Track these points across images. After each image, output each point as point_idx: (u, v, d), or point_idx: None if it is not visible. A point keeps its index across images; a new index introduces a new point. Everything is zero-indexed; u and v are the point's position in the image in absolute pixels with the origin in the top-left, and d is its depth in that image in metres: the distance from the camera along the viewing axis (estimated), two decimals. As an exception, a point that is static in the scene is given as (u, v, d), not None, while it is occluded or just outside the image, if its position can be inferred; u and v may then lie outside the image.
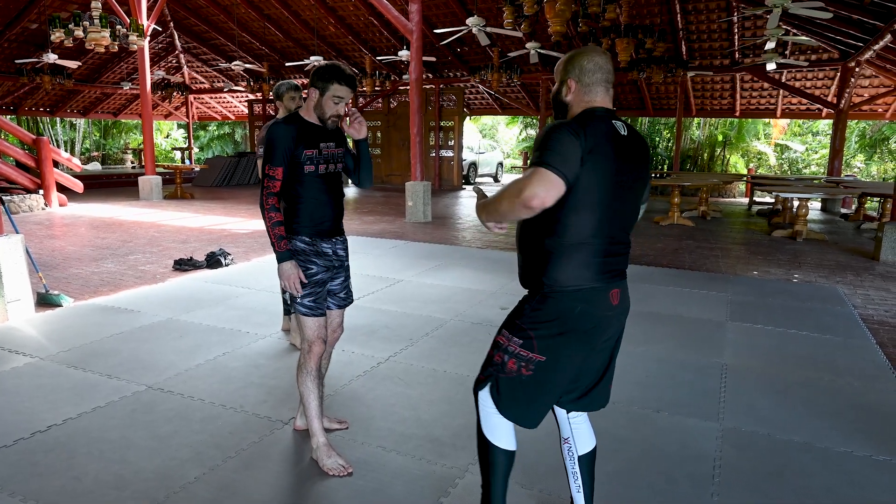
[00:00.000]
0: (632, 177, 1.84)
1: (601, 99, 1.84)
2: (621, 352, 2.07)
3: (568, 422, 2.05)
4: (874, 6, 7.78)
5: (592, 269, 1.79)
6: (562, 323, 1.80)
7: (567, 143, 1.68)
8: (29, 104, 18.57)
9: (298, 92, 3.77)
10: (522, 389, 1.86)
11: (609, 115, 1.81)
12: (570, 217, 1.74)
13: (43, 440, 2.77)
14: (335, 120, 2.53)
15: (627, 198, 1.85)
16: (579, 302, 1.79)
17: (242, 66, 14.85)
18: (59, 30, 9.30)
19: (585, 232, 1.76)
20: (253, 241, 7.91)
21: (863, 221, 10.59)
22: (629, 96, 15.99)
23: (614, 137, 1.77)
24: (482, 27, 10.15)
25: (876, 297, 5.62)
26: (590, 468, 2.07)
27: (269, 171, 2.47)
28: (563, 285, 1.79)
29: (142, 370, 3.59)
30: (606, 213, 1.77)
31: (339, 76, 2.46)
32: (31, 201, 10.94)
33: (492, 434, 1.95)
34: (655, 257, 7.31)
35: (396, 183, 17.21)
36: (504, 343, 1.89)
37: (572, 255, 1.77)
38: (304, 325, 2.57)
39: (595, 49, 1.90)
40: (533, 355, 1.82)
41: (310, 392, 2.58)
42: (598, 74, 1.84)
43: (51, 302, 4.92)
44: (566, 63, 1.88)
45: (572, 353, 1.83)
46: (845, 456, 2.76)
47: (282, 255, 2.48)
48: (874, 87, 13.17)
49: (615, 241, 1.83)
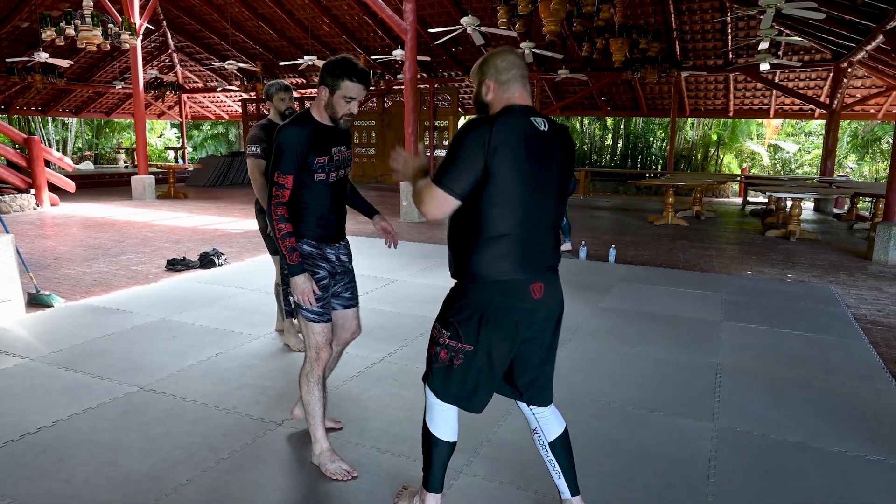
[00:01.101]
0: (551, 168, 1.89)
1: (519, 95, 1.92)
2: (614, 352, 2.07)
3: (532, 413, 2.12)
4: (866, 7, 7.81)
5: (511, 261, 1.86)
6: (482, 312, 1.87)
7: (469, 150, 1.78)
8: (20, 103, 18.44)
9: (289, 93, 3.78)
10: (457, 377, 1.94)
11: (527, 112, 1.88)
12: (489, 211, 1.82)
13: (33, 442, 2.74)
14: (348, 119, 2.42)
15: (548, 190, 1.90)
16: (497, 293, 1.86)
17: (236, 66, 14.79)
18: (51, 28, 9.22)
19: (504, 225, 1.83)
20: (247, 240, 7.87)
21: (855, 221, 10.64)
22: (623, 96, 16.03)
23: (531, 133, 1.83)
24: (476, 27, 10.15)
25: (869, 297, 5.64)
26: (565, 451, 2.11)
27: (278, 179, 2.31)
28: (482, 276, 1.87)
29: (134, 371, 3.56)
30: (524, 207, 1.84)
31: (350, 72, 2.32)
32: (22, 201, 10.86)
33: (433, 425, 2.04)
34: (650, 257, 7.32)
35: (391, 183, 17.18)
36: (436, 336, 1.99)
37: (492, 247, 1.85)
38: (310, 332, 2.46)
39: (507, 48, 2.00)
40: (461, 345, 1.91)
41: (316, 401, 2.51)
42: (513, 71, 1.91)
43: (42, 302, 4.88)
44: (481, 66, 1.96)
45: (497, 341, 1.89)
46: (840, 456, 2.76)
47: (294, 267, 2.35)
48: (866, 88, 13.24)
49: (536, 234, 1.89)
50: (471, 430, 2.84)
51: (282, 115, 3.77)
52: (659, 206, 11.59)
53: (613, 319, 4.76)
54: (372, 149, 17.97)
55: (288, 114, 3.75)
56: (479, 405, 1.99)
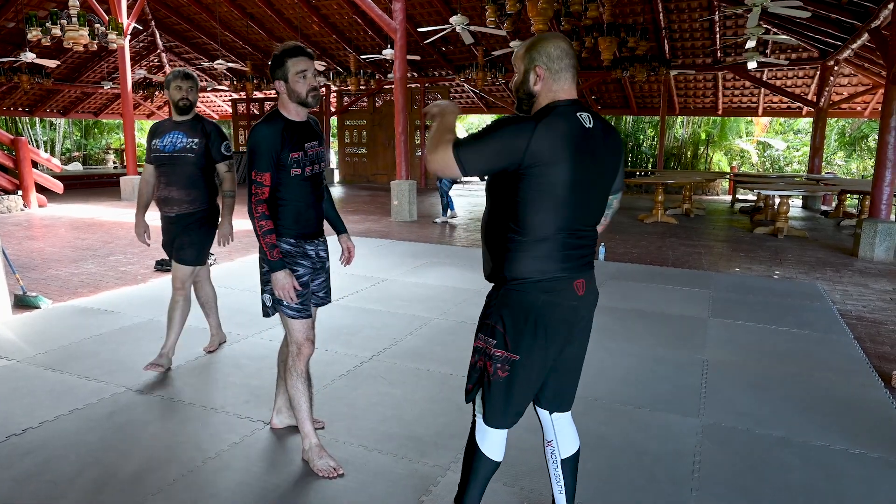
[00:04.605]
0: (597, 170, 1.81)
1: (569, 87, 1.79)
2: (602, 348, 2.08)
3: (552, 423, 2.01)
4: (852, 6, 7.89)
5: (555, 260, 1.77)
6: (528, 315, 1.77)
7: (500, 142, 1.70)
8: (7, 104, 18.26)
9: (188, 81, 3.40)
10: (500, 392, 1.83)
11: (574, 108, 1.77)
12: (532, 216, 1.73)
13: (18, 444, 2.73)
14: (315, 95, 2.46)
15: (593, 192, 1.82)
16: (542, 293, 1.77)
17: (225, 66, 14.72)
18: (37, 28, 9.15)
19: (549, 229, 1.75)
20: (236, 241, 7.81)
21: (842, 218, 10.73)
22: (613, 95, 16.09)
23: (577, 134, 1.72)
24: (466, 26, 10.15)
25: (854, 293, 5.70)
26: (573, 471, 2.05)
27: (256, 178, 2.38)
28: (524, 277, 1.77)
29: (121, 372, 3.54)
30: (570, 210, 1.75)
31: (287, 53, 2.43)
32: (9, 202, 10.77)
33: (483, 443, 1.93)
34: (639, 254, 7.36)
35: (382, 182, 17.16)
36: (482, 346, 1.86)
37: (535, 249, 1.76)
38: (292, 328, 2.52)
39: (557, 34, 1.85)
40: (507, 354, 1.80)
41: (301, 394, 2.54)
42: (565, 60, 1.78)
43: (28, 304, 4.85)
44: (530, 50, 1.80)
45: (545, 345, 1.80)
46: (822, 450, 2.79)
47: (275, 264, 2.40)
48: (853, 86, 13.37)
49: (580, 234, 1.81)
50: (458, 426, 2.85)
51: (176, 107, 3.41)
52: (649, 203, 11.65)
53: (602, 316, 4.75)
54: (363, 148, 17.95)
55: (182, 105, 3.40)
56: (513, 421, 1.90)
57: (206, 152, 3.45)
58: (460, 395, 3.13)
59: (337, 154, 19.16)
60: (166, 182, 3.44)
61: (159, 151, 3.43)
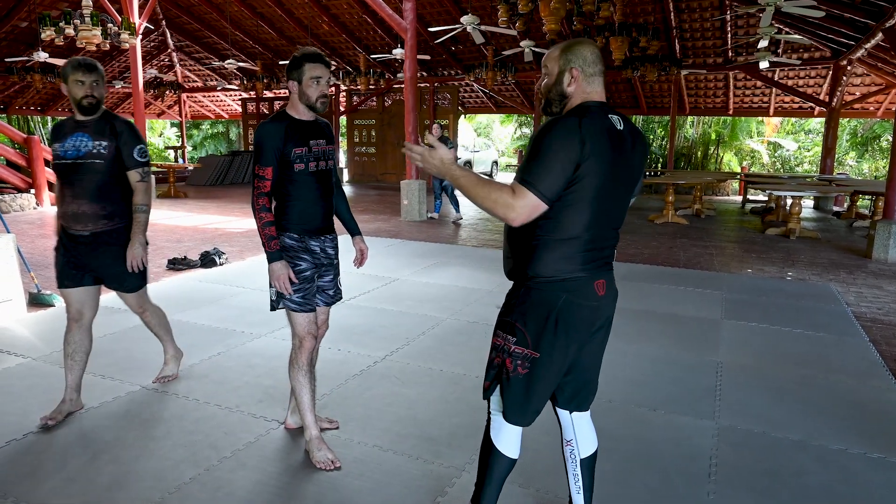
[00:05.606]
0: (627, 172, 1.83)
1: (599, 90, 1.83)
2: (616, 350, 2.07)
3: (571, 423, 2.03)
4: (866, 5, 7.81)
5: (577, 260, 1.78)
6: (549, 313, 1.78)
7: (563, 151, 1.66)
8: (19, 103, 18.43)
9: (91, 75, 2.90)
10: (520, 389, 1.85)
11: (605, 109, 1.79)
12: (564, 214, 1.74)
13: (35, 441, 2.75)
14: (324, 101, 2.53)
15: (621, 193, 1.84)
16: (563, 292, 1.78)
17: (235, 65, 14.77)
18: (50, 28, 9.21)
19: (577, 228, 1.75)
20: (247, 240, 7.86)
21: (855, 219, 10.64)
22: (623, 94, 16.02)
23: (611, 134, 1.75)
24: (476, 25, 10.14)
25: (868, 295, 5.65)
26: (591, 471, 2.07)
27: (258, 171, 2.46)
28: (546, 276, 1.78)
29: (136, 370, 3.56)
30: (599, 210, 1.76)
31: (307, 57, 2.47)
32: (22, 200, 10.85)
33: (499, 440, 1.93)
34: (650, 255, 7.33)
35: (391, 181, 17.16)
36: (501, 343, 1.87)
37: (560, 248, 1.77)
38: (294, 322, 2.58)
39: (590, 41, 1.91)
40: (528, 351, 1.81)
41: (302, 387, 2.60)
42: (599, 66, 1.83)
43: (43, 302, 4.88)
44: (565, 52, 1.83)
45: (566, 343, 1.81)
46: (840, 454, 2.77)
47: (272, 255, 2.48)
48: (865, 86, 13.25)
49: (605, 234, 1.83)
50: (472, 427, 2.85)
51: (78, 106, 2.89)
52: (659, 204, 11.59)
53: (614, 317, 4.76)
54: (372, 148, 17.97)
55: (87, 104, 2.89)
56: (531, 419, 1.90)
57: (119, 156, 2.93)
58: (474, 396, 3.14)
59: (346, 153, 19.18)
60: (72, 194, 2.88)
61: (61, 158, 2.88)
